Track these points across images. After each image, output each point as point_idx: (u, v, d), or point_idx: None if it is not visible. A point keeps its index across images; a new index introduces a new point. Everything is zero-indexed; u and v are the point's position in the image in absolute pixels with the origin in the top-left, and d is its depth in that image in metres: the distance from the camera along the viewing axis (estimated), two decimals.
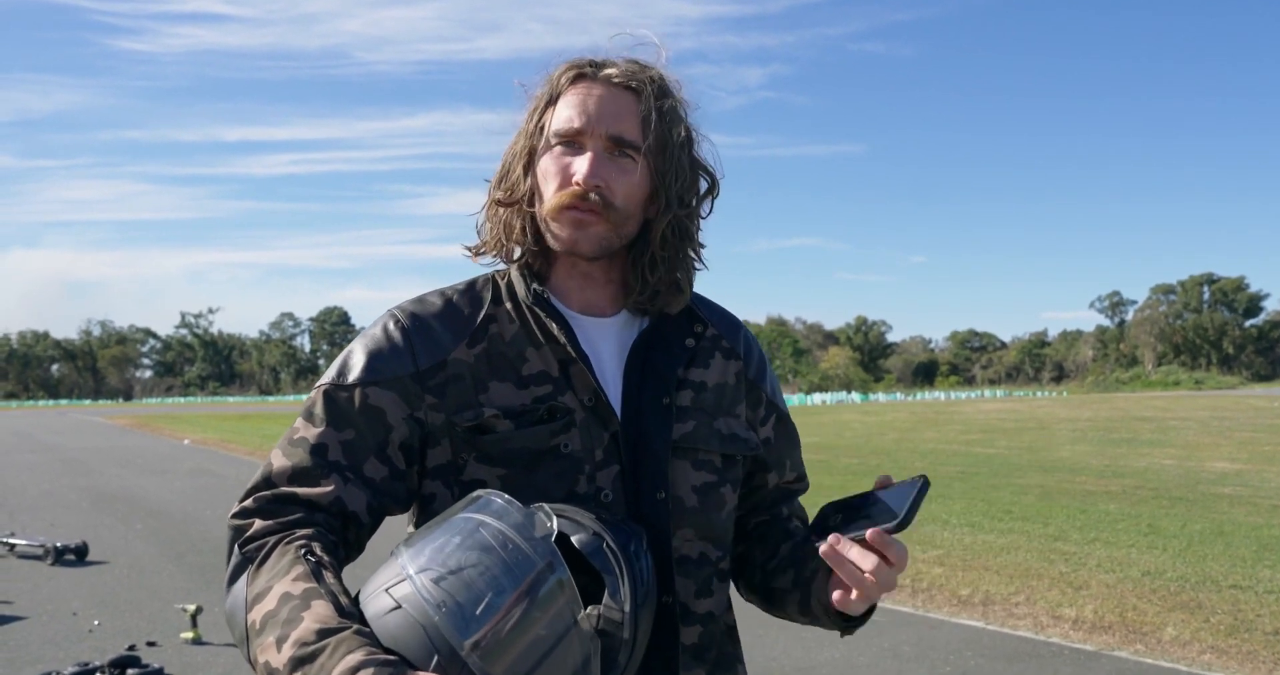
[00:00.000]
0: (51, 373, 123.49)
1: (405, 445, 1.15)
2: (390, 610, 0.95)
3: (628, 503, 1.17)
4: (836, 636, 5.26)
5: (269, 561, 1.04)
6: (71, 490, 13.34)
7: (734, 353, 1.30)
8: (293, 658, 0.92)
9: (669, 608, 1.17)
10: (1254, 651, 4.87)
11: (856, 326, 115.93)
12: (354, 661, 0.89)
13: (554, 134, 1.18)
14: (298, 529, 1.08)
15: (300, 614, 0.96)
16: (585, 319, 1.23)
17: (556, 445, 1.15)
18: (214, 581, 6.97)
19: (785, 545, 1.27)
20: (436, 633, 0.92)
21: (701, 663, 1.21)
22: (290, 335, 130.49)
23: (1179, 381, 77.79)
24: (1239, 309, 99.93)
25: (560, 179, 1.17)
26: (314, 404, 1.16)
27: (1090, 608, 5.73)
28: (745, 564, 1.31)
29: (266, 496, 1.12)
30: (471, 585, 0.94)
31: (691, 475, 1.20)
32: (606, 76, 1.19)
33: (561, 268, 1.23)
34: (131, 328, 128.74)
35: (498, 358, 1.19)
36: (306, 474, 1.12)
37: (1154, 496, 10.48)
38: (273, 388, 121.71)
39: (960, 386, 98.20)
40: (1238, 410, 29.44)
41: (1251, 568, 6.69)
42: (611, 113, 1.17)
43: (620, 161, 1.17)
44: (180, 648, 5.24)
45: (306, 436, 1.14)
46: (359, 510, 1.12)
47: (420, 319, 1.19)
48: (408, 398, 1.15)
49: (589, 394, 1.17)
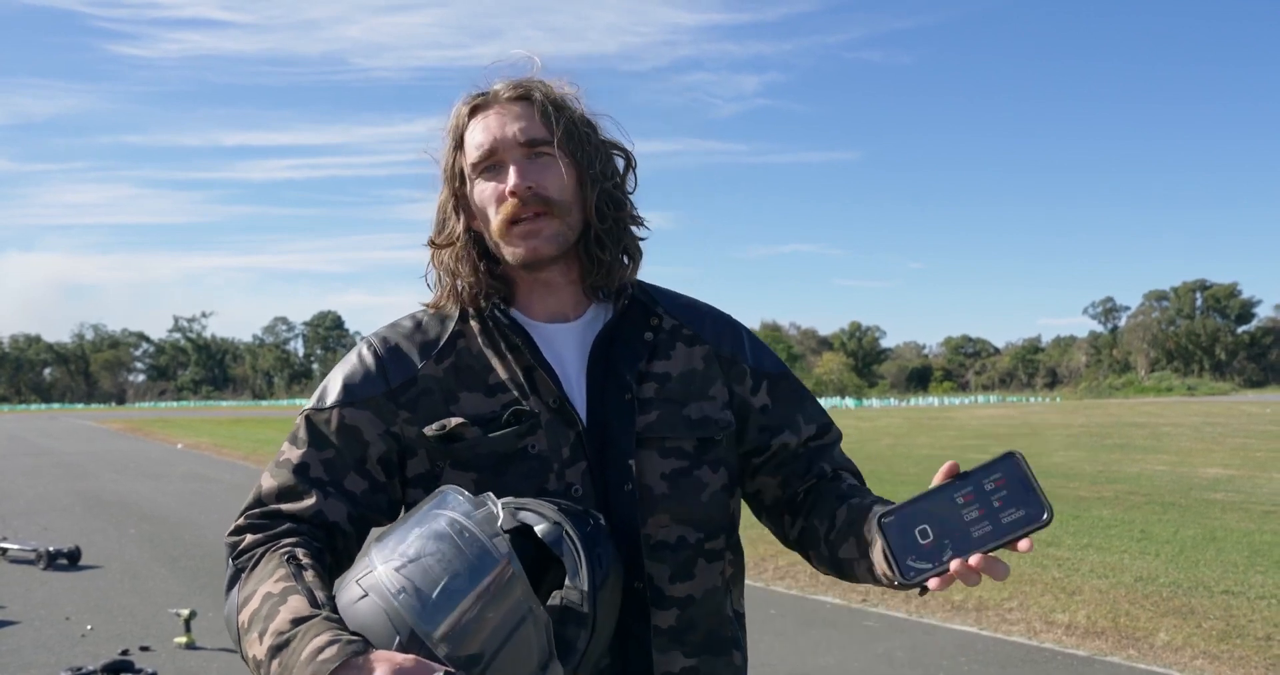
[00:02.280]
0: (44, 376, 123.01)
1: (384, 460, 1.25)
2: (359, 599, 1.03)
3: (597, 496, 1.23)
4: (830, 642, 5.29)
5: (257, 569, 1.14)
6: (64, 494, 13.30)
7: (697, 338, 1.34)
8: (271, 646, 1.01)
9: (639, 593, 1.22)
10: (1246, 657, 4.89)
11: (850, 332, 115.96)
12: (321, 642, 0.96)
13: (472, 166, 1.27)
14: (284, 539, 1.17)
15: (278, 609, 1.04)
16: (548, 327, 1.30)
17: (524, 447, 1.23)
18: (208, 586, 6.96)
19: (841, 510, 1.25)
20: (398, 616, 0.99)
21: (680, 645, 1.25)
22: (284, 340, 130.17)
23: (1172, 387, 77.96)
24: (1232, 315, 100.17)
25: (496, 200, 1.25)
26: (298, 429, 1.27)
27: (1083, 613, 5.75)
28: (809, 538, 1.31)
29: (256, 514, 1.22)
30: (429, 571, 1.01)
31: (659, 463, 1.25)
32: (496, 96, 1.28)
33: (523, 284, 1.31)
34: (125, 332, 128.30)
35: (465, 370, 1.27)
36: (291, 492, 1.23)
37: (1146, 502, 10.51)
38: (266, 392, 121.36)
39: (954, 392, 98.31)
40: (1230, 416, 29.52)
41: (1244, 573, 6.71)
42: (513, 123, 1.25)
43: (540, 161, 1.25)
44: (174, 652, 5.23)
45: (290, 458, 1.25)
46: (340, 520, 1.22)
47: (390, 342, 1.30)
48: (382, 415, 1.25)
49: (552, 397, 1.24)
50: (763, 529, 1.48)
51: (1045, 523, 0.99)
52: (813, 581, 6.86)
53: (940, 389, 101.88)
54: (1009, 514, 1.00)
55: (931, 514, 1.03)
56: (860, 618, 5.90)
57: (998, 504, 1.01)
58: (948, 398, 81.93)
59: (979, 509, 1.01)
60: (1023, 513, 1.00)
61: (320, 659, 0.95)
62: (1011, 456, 1.03)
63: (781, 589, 6.72)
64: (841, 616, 5.94)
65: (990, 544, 1.00)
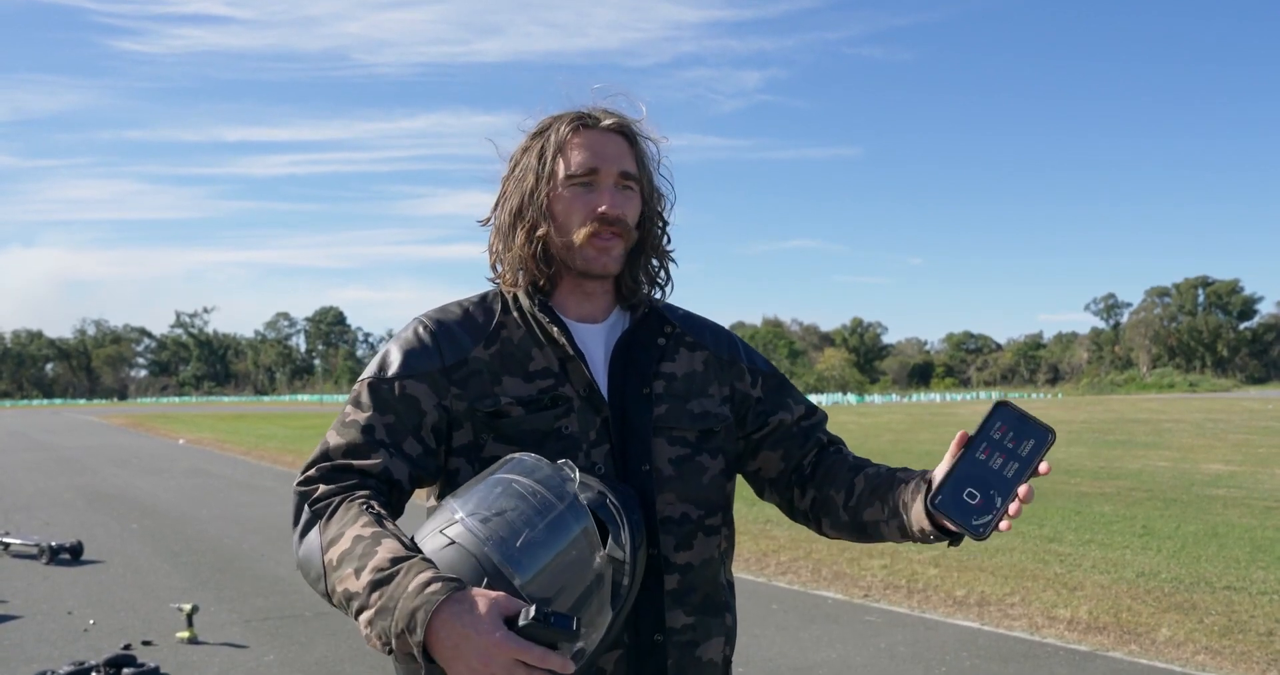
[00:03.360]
0: (46, 372, 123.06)
1: (435, 428, 1.39)
2: (445, 546, 1.16)
3: (617, 474, 1.40)
4: (831, 637, 5.30)
5: (337, 514, 1.25)
6: (66, 489, 13.32)
7: (698, 345, 1.55)
8: (371, 581, 1.12)
9: (654, 559, 1.40)
10: (1248, 652, 4.89)
11: (852, 328, 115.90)
12: (425, 577, 1.09)
13: (569, 176, 1.43)
14: (356, 491, 1.30)
15: (374, 548, 1.16)
16: (580, 325, 1.48)
17: (559, 427, 1.39)
18: (210, 581, 6.97)
19: (858, 479, 1.45)
20: (487, 561, 1.13)
21: (682, 605, 1.43)
22: (285, 335, 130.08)
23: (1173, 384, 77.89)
24: (1233, 312, 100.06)
25: (586, 213, 1.42)
26: (360, 394, 1.40)
27: (1085, 608, 5.75)
28: (825, 506, 1.49)
29: (327, 467, 1.33)
30: (513, 524, 1.15)
31: (668, 450, 1.44)
32: (605, 126, 1.46)
33: (565, 285, 1.49)
34: (126, 327, 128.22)
35: (508, 357, 1.43)
36: (358, 449, 1.35)
37: (1148, 498, 10.51)
38: (268, 388, 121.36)
39: (956, 388, 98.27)
40: (1232, 412, 29.51)
41: (1245, 569, 6.71)
42: (615, 154, 1.45)
43: (627, 192, 1.45)
44: (176, 647, 5.24)
45: (357, 420, 1.37)
46: (403, 479, 1.35)
47: (444, 324, 1.45)
48: (437, 389, 1.40)
49: (584, 386, 1.42)
50: (764, 526, 1.51)
51: (1052, 441, 1.20)
52: (814, 577, 6.87)
53: (942, 385, 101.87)
54: (1023, 447, 1.20)
55: (969, 476, 1.20)
56: (862, 613, 5.90)
57: (1011, 445, 1.20)
58: (949, 394, 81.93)
59: (1001, 455, 1.20)
60: (1033, 441, 1.20)
61: (427, 591, 1.07)
62: (1003, 405, 1.22)
63: (783, 584, 6.73)
64: (843, 611, 5.94)
65: (1025, 477, 1.19)
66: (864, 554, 7.36)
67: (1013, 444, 1.20)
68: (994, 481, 1.19)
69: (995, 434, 1.20)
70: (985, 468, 1.20)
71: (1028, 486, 1.19)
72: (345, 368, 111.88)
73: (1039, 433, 1.20)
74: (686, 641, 1.43)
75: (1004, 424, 1.20)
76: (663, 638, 1.40)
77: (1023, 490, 1.19)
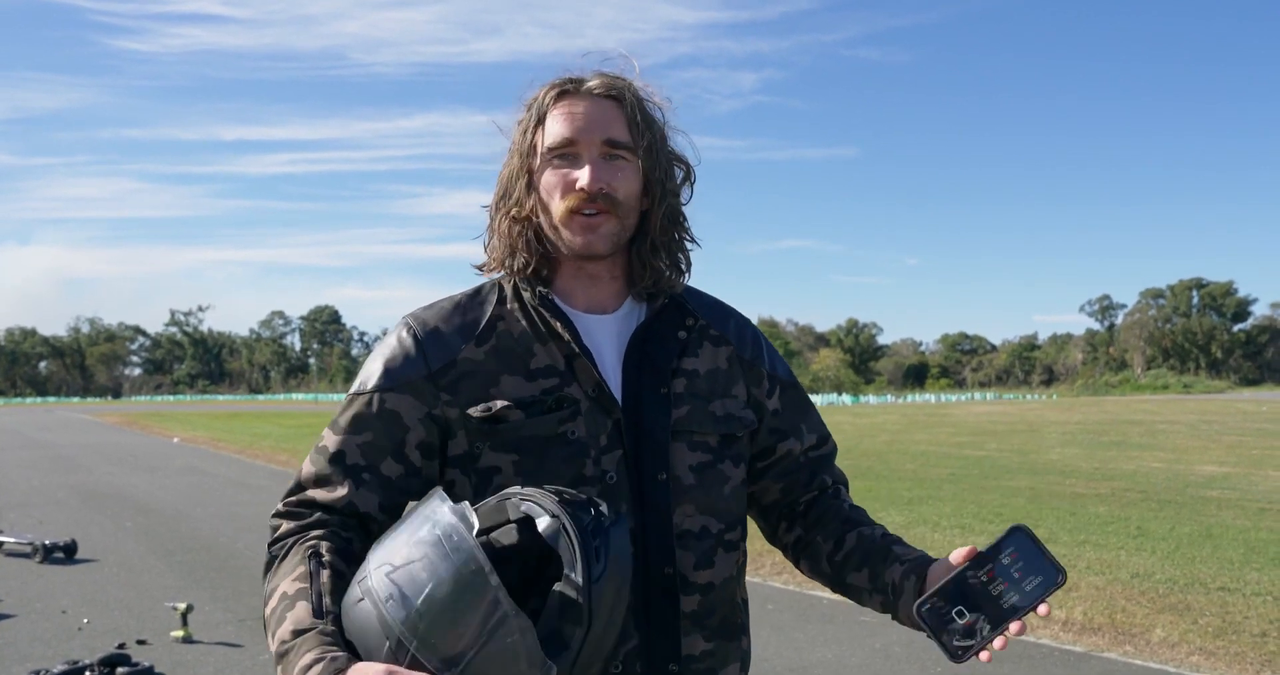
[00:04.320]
0: (39, 370, 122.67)
1: (422, 444, 1.28)
2: (358, 601, 1.06)
3: (631, 484, 1.26)
4: (826, 638, 5.30)
5: (285, 562, 1.19)
6: (60, 487, 13.28)
7: (723, 339, 1.39)
8: (277, 652, 1.08)
9: (669, 578, 1.27)
10: (1242, 653, 4.90)
11: (847, 328, 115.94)
12: (309, 660, 1.03)
13: (548, 149, 1.28)
14: (313, 530, 1.23)
15: (286, 614, 1.10)
16: (588, 317, 1.32)
17: (564, 432, 1.25)
18: (204, 580, 6.95)
19: (850, 535, 1.34)
20: (384, 623, 1.01)
21: (701, 629, 1.30)
22: (280, 334, 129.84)
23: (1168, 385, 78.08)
24: (1227, 313, 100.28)
25: (564, 188, 1.27)
26: (339, 413, 1.30)
27: (1080, 609, 5.75)
28: (808, 549, 1.39)
29: (293, 501, 1.28)
30: (415, 578, 1.01)
31: (688, 456, 1.30)
32: (588, 90, 1.30)
33: (566, 271, 1.34)
34: (121, 325, 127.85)
35: (507, 353, 1.29)
36: (325, 480, 1.26)
37: (1143, 499, 10.53)
38: (262, 386, 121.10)
39: (951, 389, 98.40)
40: (1226, 414, 29.57)
41: (1239, 570, 6.73)
42: (600, 120, 1.28)
43: (616, 163, 1.28)
44: (170, 646, 5.22)
45: (328, 445, 1.28)
46: (370, 510, 1.26)
47: (430, 323, 1.31)
48: (423, 398, 1.27)
49: (592, 385, 1.27)
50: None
51: (1061, 584, 1.13)
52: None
53: (937, 386, 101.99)
54: (1029, 582, 1.13)
55: (964, 594, 1.13)
56: (857, 613, 5.90)
57: (1018, 575, 1.13)
58: (944, 394, 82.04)
59: (1003, 583, 1.13)
60: (1041, 578, 1.13)
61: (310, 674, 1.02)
62: (1019, 530, 1.15)
63: (779, 584, 6.73)
64: (838, 611, 5.94)
65: (1021, 613, 1.12)
66: None
67: (1019, 575, 1.13)
68: (988, 608, 1.12)
69: (1005, 558, 1.14)
70: (984, 591, 1.13)
71: (1020, 624, 1.12)
72: (340, 367, 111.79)
73: (1049, 571, 1.13)
74: (704, 670, 1.30)
75: (1017, 551, 1.14)
76: (678, 668, 1.28)
77: (1014, 627, 1.11)
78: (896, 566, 1.27)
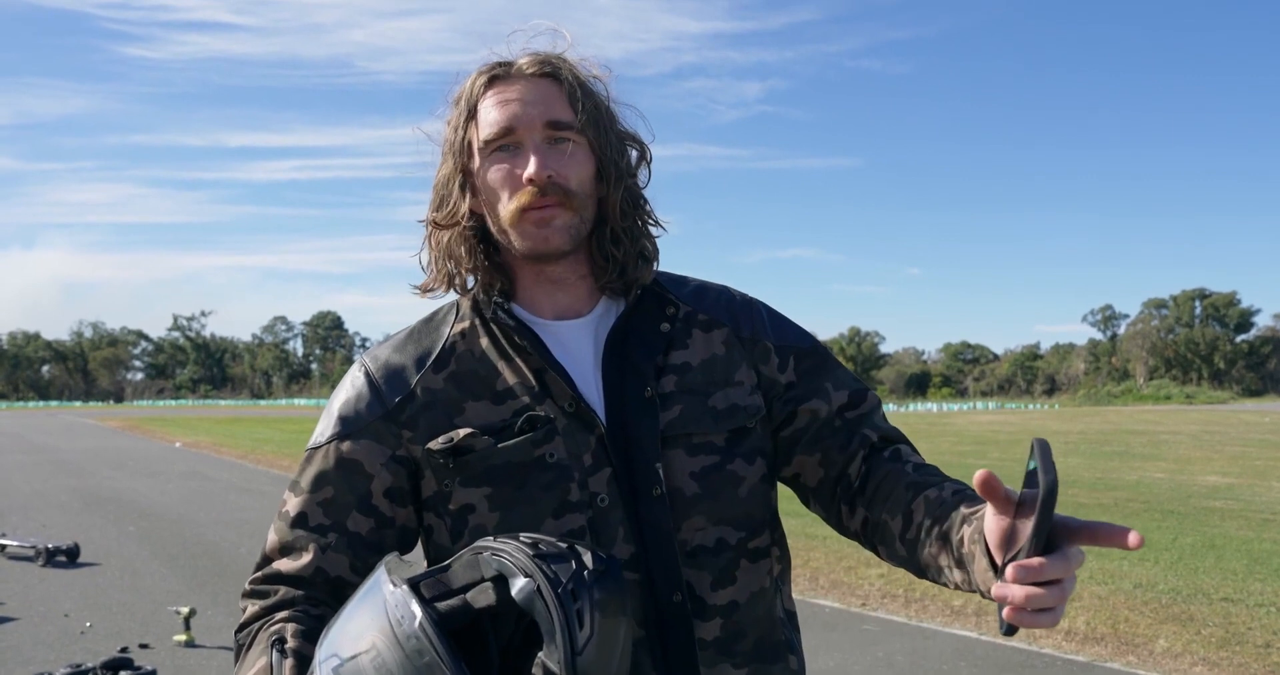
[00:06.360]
0: (42, 374, 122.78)
1: (390, 491, 1.16)
2: None
3: (625, 504, 1.13)
4: (829, 646, 5.29)
5: (250, 651, 1.09)
6: (63, 491, 13.30)
7: (714, 322, 1.23)
8: None
9: (679, 605, 1.13)
10: (1245, 664, 4.89)
11: (850, 338, 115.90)
12: None
13: (485, 142, 1.15)
14: (279, 611, 1.11)
15: None
16: (558, 324, 1.20)
17: (541, 456, 1.13)
18: (207, 584, 6.96)
19: (917, 503, 1.11)
20: None
21: (729, 656, 1.15)
22: (283, 339, 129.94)
23: (1170, 396, 77.88)
24: (1230, 324, 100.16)
25: (511, 186, 1.14)
26: (297, 473, 1.19)
27: (1083, 619, 5.75)
28: (879, 533, 1.16)
29: (259, 577, 1.16)
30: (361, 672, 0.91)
31: (688, 462, 1.15)
32: (519, 70, 1.17)
33: (526, 278, 1.21)
34: (123, 330, 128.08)
35: (469, 377, 1.17)
36: (289, 548, 1.15)
37: (1145, 510, 10.52)
38: (264, 391, 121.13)
39: (953, 398, 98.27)
40: (1229, 425, 29.52)
41: (1243, 581, 6.72)
42: (538, 102, 1.15)
43: (561, 146, 1.15)
44: (173, 650, 5.23)
45: (289, 509, 1.17)
46: (342, 573, 1.14)
47: (382, 358, 1.21)
48: (383, 440, 1.16)
49: (568, 400, 1.15)
50: None
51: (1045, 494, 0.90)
52: (812, 585, 6.86)
53: (939, 395, 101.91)
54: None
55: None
56: (860, 621, 5.90)
57: None
58: (946, 404, 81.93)
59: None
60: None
61: None
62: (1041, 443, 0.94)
63: None
64: (841, 619, 5.94)
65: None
66: (862, 563, 7.35)
67: None
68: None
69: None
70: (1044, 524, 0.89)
71: None
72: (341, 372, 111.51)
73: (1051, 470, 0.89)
74: None
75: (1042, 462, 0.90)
76: None
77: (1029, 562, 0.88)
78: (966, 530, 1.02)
